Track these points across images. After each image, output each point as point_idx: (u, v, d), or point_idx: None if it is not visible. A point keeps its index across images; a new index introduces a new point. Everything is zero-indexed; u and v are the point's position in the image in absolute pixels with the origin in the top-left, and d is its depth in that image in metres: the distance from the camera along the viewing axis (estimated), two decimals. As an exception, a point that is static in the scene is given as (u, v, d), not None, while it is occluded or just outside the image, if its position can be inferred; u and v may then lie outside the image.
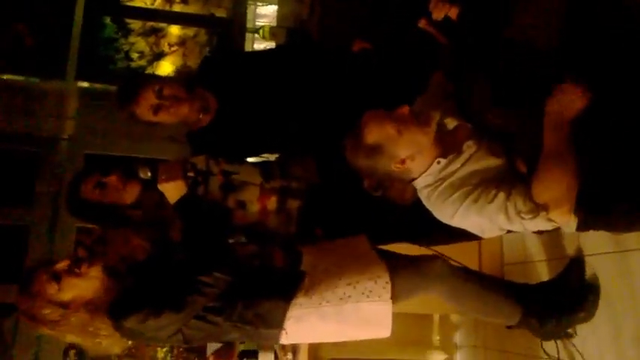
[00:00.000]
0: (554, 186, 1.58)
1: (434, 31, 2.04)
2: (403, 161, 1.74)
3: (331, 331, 1.95)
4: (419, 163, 1.76)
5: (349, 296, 1.88)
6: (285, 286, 1.93)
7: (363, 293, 1.88)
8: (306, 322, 1.91)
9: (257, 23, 3.98)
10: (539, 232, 2.02)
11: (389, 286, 1.89)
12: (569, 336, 2.24)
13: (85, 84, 3.70)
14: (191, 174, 2.10)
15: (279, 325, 1.90)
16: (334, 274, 1.94)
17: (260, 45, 3.92)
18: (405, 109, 1.73)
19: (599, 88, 1.59)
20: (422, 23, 2.05)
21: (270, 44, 3.85)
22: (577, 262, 2.20)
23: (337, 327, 1.92)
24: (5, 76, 3.63)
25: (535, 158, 1.64)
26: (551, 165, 1.58)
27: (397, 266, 1.95)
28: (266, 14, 4.07)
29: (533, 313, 2.13)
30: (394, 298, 1.89)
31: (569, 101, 1.56)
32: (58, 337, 1.91)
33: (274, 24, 3.92)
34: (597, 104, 1.59)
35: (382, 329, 1.94)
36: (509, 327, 2.19)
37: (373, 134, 1.72)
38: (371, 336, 1.97)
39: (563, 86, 1.57)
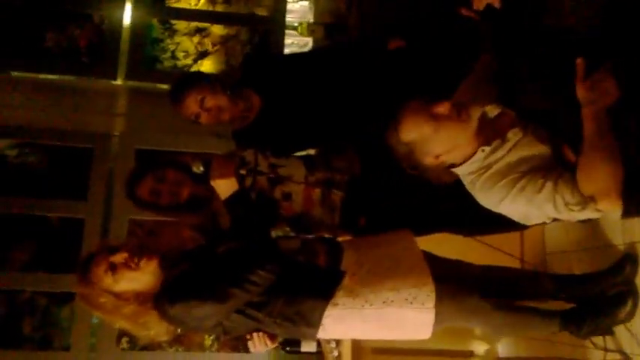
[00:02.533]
0: (599, 176, 1.57)
1: (475, 16, 2.05)
2: (438, 157, 1.76)
3: (370, 331, 1.98)
4: (456, 155, 1.78)
5: (392, 301, 1.89)
6: (325, 286, 1.94)
7: (406, 299, 1.89)
8: (346, 322, 1.93)
9: (287, 19, 3.98)
10: (584, 221, 2.02)
11: (433, 295, 1.89)
12: (610, 333, 2.25)
13: (134, 83, 3.80)
14: (243, 172, 2.15)
15: (317, 324, 1.93)
16: (379, 276, 1.95)
17: (288, 40, 3.94)
18: (445, 107, 1.72)
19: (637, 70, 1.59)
20: (463, 11, 2.07)
21: (307, 40, 3.90)
22: (631, 258, 2.21)
23: (377, 328, 1.95)
24: (60, 77, 3.77)
25: (582, 145, 1.63)
26: (593, 155, 1.57)
27: (443, 291, 1.93)
28: (294, 10, 4.04)
29: (571, 319, 2.18)
30: (437, 309, 1.90)
31: (604, 90, 1.54)
32: (111, 322, 1.98)
33: (304, 20, 3.92)
34: (636, 87, 1.60)
35: (422, 333, 1.96)
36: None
37: (409, 133, 1.75)
38: (410, 338, 2.00)
39: (598, 75, 1.55)
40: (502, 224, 1.88)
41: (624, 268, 2.20)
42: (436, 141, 1.74)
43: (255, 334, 2.01)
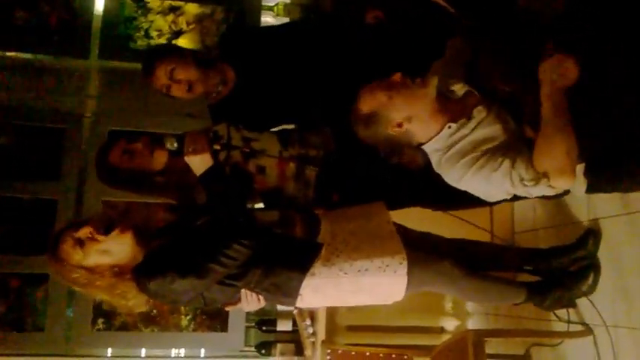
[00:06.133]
0: (553, 154, 1.63)
1: (444, 3, 2.09)
2: (400, 124, 1.82)
3: (346, 298, 2.03)
4: (420, 126, 1.83)
5: (366, 269, 1.94)
6: (303, 258, 1.98)
7: (379, 267, 1.94)
8: (323, 290, 1.98)
9: (264, 2, 3.97)
10: (547, 198, 2.09)
11: (405, 262, 1.95)
12: (573, 306, 2.33)
13: (107, 62, 3.76)
14: (217, 147, 2.14)
15: (294, 294, 1.97)
16: (353, 246, 2.00)
17: (265, 19, 3.91)
18: (397, 76, 1.80)
19: (604, 53, 1.64)
20: None
21: (284, 20, 3.87)
22: (594, 233, 2.28)
23: (352, 295, 2.01)
24: (31, 55, 3.71)
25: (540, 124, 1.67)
26: (548, 134, 1.63)
27: (415, 258, 1.99)
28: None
29: (536, 290, 2.24)
30: (409, 275, 1.95)
31: (563, 70, 1.59)
32: (90, 295, 1.96)
33: (281, 0, 3.88)
34: (602, 69, 1.65)
35: (395, 297, 2.02)
36: (515, 304, 2.30)
37: (366, 104, 1.82)
38: (383, 302, 2.06)
39: (557, 56, 1.60)
40: (470, 201, 1.94)
41: (587, 242, 2.28)
42: (393, 108, 1.80)
43: (247, 292, 2.02)
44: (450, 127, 1.82)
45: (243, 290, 2.00)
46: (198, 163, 2.07)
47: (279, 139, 2.28)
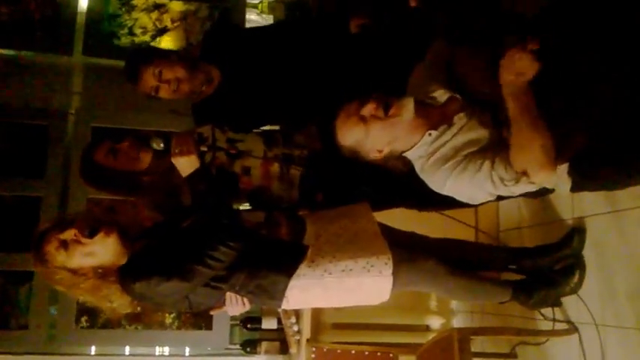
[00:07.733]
0: (528, 151, 1.63)
1: (424, 7, 2.10)
2: (380, 151, 1.85)
3: (331, 299, 2.03)
4: (400, 143, 1.85)
5: (351, 270, 1.94)
6: (289, 261, 1.97)
7: (364, 267, 1.94)
8: (308, 292, 1.97)
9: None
10: (532, 196, 2.09)
11: (390, 262, 1.94)
12: (558, 305, 2.34)
13: (91, 59, 3.75)
14: (204, 148, 2.13)
15: (280, 297, 1.97)
16: (337, 246, 1.99)
17: (249, 16, 3.93)
18: (369, 109, 1.80)
19: (588, 51, 1.64)
20: (411, 2, 2.11)
21: (268, 18, 3.88)
22: (579, 231, 2.29)
23: (337, 296, 2.01)
24: (14, 52, 3.68)
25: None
26: (520, 133, 1.62)
27: (399, 259, 1.99)
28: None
29: (522, 289, 2.25)
30: (394, 275, 1.95)
31: (520, 67, 1.59)
32: (74, 297, 1.95)
33: None
34: (588, 70, 1.65)
35: (381, 298, 2.02)
36: (501, 303, 2.31)
37: (345, 139, 1.86)
38: (369, 303, 2.06)
39: (510, 53, 1.59)
40: (455, 201, 1.94)
41: (572, 241, 2.28)
42: (371, 141, 1.83)
43: (231, 295, 2.00)
44: (430, 134, 1.83)
45: (227, 294, 1.99)
46: (185, 164, 2.05)
47: (263, 140, 2.27)
